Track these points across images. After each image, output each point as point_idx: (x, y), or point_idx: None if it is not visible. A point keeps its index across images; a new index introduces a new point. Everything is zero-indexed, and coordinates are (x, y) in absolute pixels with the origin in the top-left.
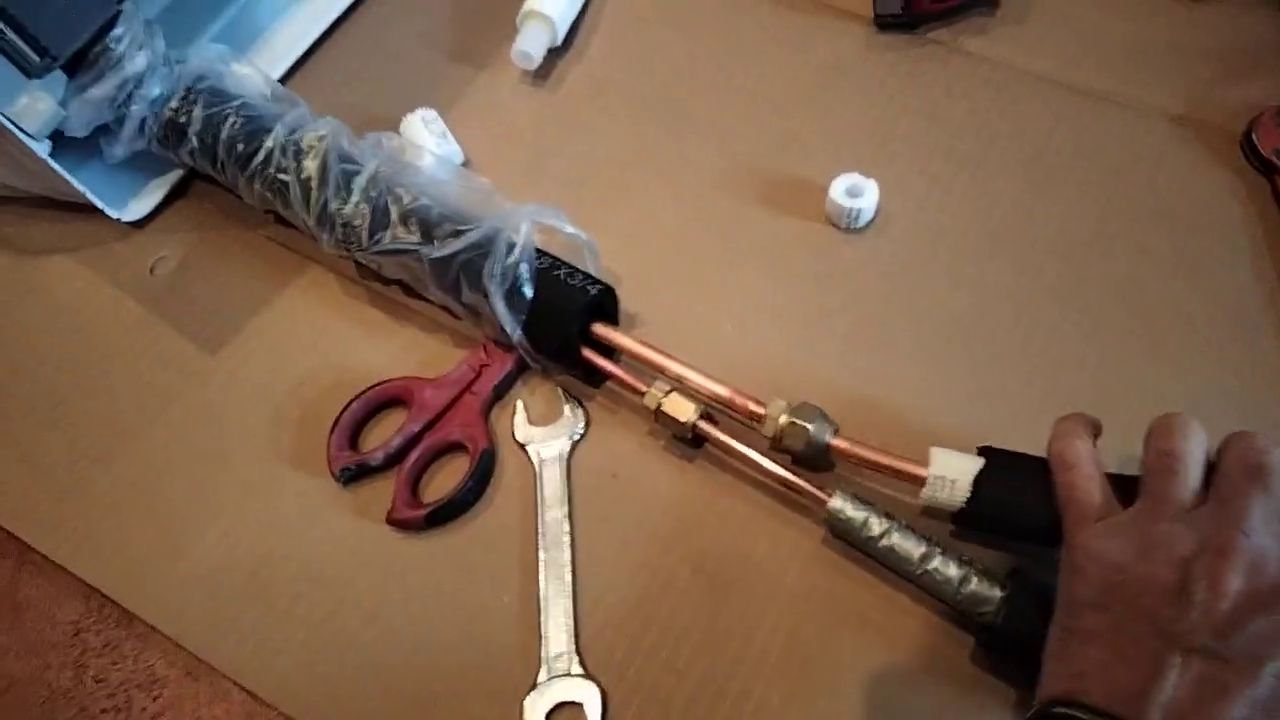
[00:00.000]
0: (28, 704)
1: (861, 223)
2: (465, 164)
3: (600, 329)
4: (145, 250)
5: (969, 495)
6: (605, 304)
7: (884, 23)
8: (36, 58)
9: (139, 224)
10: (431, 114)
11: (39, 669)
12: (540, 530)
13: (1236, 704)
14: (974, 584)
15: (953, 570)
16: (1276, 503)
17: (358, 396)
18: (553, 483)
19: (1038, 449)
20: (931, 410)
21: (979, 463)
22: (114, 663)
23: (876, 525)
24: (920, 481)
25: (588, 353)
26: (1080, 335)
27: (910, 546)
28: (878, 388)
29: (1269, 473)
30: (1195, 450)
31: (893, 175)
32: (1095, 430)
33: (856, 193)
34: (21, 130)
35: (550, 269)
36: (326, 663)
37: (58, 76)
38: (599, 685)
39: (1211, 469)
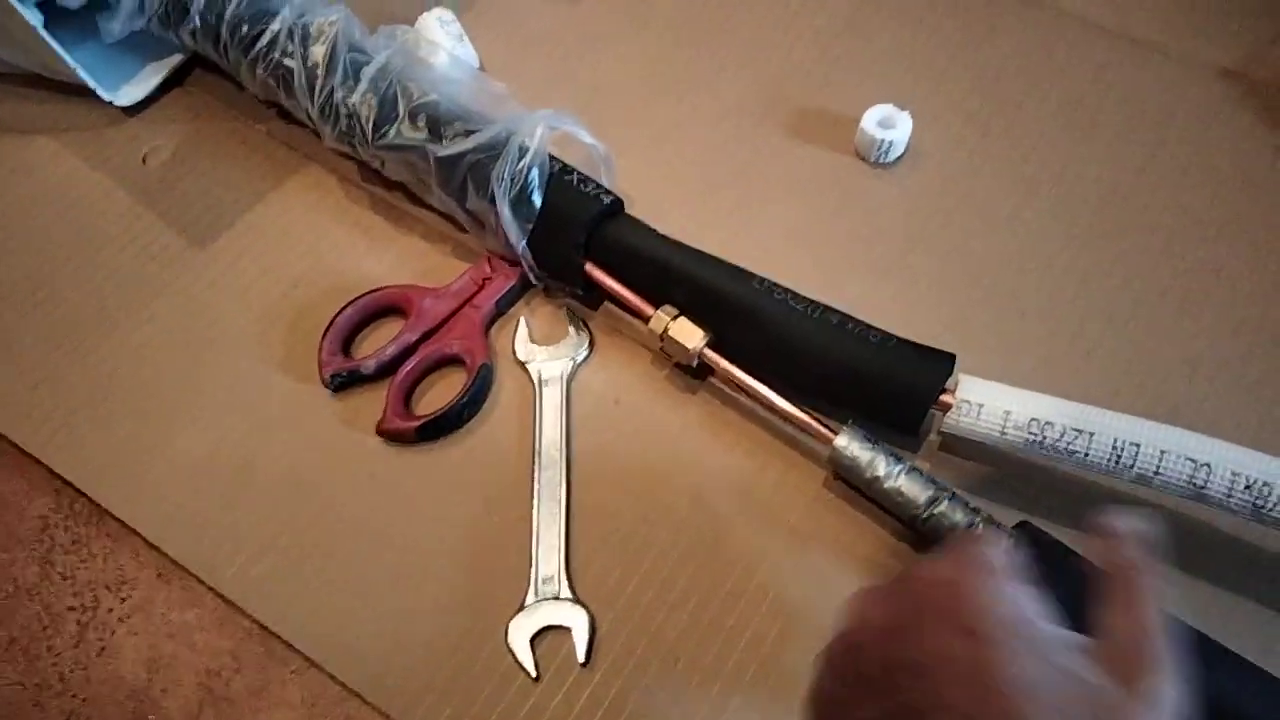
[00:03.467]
0: None
1: (892, 157)
2: (480, 70)
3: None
4: (138, 138)
5: None
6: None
7: None
8: None
9: (132, 110)
10: (448, 15)
11: (4, 563)
12: (536, 451)
13: None
14: (979, 532)
15: (959, 516)
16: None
17: (353, 301)
18: (552, 404)
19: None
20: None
21: None
22: (82, 560)
23: (882, 466)
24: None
25: (592, 268)
26: (1112, 288)
27: (916, 490)
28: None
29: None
30: None
31: (928, 111)
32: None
33: (889, 124)
34: None
35: (561, 173)
36: (306, 572)
37: None
38: (588, 611)
39: None
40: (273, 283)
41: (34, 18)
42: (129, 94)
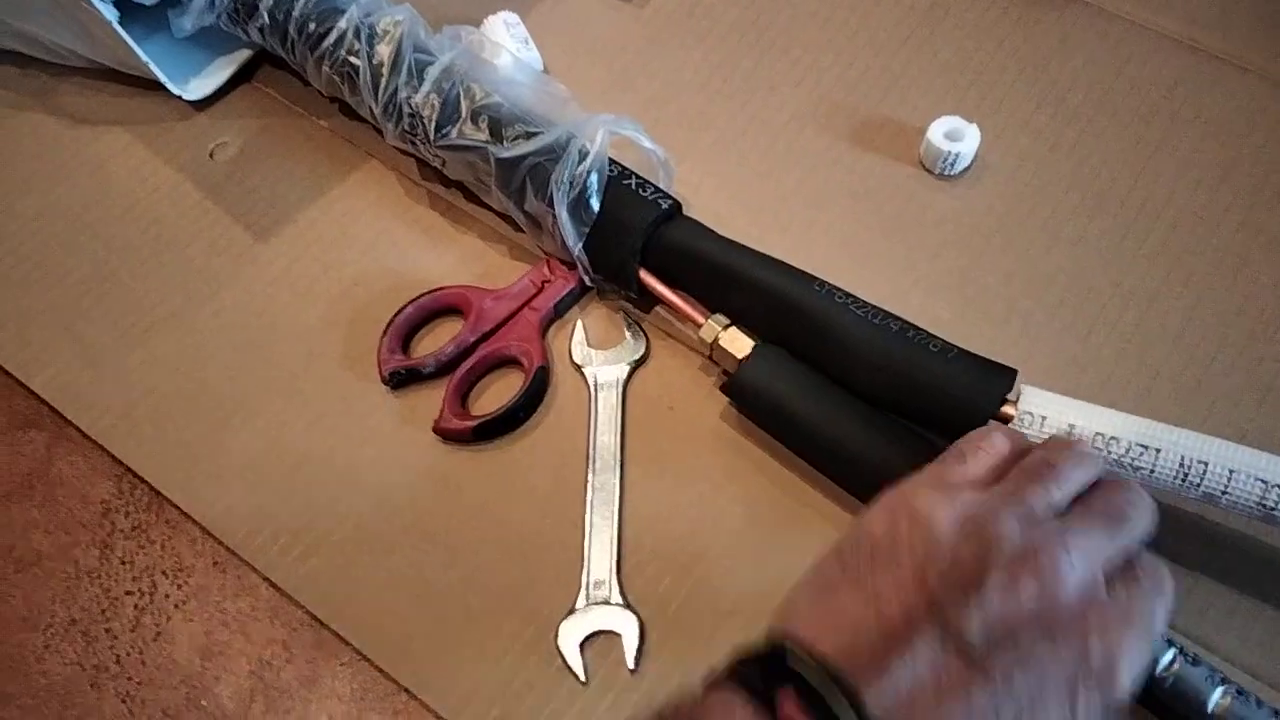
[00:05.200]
0: (53, 579)
1: (958, 169)
2: (544, 73)
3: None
4: (206, 133)
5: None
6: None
7: None
8: None
9: (201, 105)
10: (514, 18)
11: (67, 546)
12: (591, 454)
13: (970, 712)
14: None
15: None
16: (1113, 548)
17: (413, 300)
18: (607, 408)
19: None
20: None
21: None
22: (141, 546)
23: None
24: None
25: (645, 275)
26: (1182, 308)
27: None
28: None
29: (1124, 520)
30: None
31: (995, 124)
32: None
33: (956, 136)
34: None
35: (619, 178)
36: (360, 567)
37: None
38: (638, 617)
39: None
40: (333, 280)
41: (109, 13)
42: (198, 88)
